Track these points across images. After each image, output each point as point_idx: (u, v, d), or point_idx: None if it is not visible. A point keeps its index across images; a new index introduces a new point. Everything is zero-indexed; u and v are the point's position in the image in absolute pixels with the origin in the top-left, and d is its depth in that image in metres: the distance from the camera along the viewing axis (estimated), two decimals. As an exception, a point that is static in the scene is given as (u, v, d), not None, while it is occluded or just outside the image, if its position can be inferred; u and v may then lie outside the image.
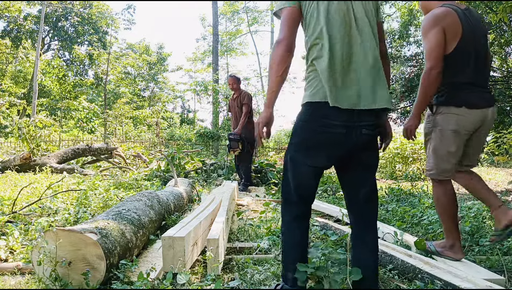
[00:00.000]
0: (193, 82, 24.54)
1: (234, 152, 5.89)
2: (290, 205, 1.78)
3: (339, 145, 1.65)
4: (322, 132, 1.63)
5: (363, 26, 1.67)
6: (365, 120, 1.63)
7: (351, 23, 1.65)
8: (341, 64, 1.62)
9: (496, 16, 5.91)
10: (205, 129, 19.15)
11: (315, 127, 1.65)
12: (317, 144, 1.67)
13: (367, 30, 1.68)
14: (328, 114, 1.60)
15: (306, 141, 1.69)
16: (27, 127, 9.40)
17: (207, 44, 31.67)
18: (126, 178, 5.86)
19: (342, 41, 1.63)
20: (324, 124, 1.62)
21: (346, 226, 3.18)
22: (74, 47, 25.85)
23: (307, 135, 1.69)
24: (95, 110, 22.07)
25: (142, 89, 31.72)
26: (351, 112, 1.60)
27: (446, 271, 2.02)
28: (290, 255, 1.75)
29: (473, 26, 2.29)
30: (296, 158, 1.73)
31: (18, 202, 3.66)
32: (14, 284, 2.04)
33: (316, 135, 1.65)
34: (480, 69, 2.32)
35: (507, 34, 11.40)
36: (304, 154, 1.70)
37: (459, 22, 2.26)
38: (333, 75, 1.60)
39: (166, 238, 2.08)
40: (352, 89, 1.61)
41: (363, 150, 1.71)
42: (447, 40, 2.25)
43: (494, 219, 2.38)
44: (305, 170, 1.71)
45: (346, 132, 1.62)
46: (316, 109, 1.64)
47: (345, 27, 1.64)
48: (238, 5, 31.46)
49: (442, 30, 2.25)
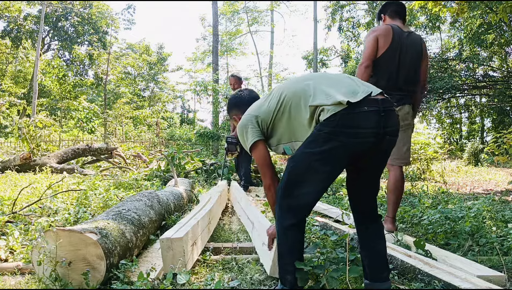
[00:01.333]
0: (193, 82, 24.52)
1: (232, 155, 5.85)
2: (294, 210, 1.73)
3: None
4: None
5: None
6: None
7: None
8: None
9: (496, 16, 5.91)
10: (205, 129, 19.16)
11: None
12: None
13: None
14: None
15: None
16: (27, 127, 9.40)
17: (207, 44, 31.70)
18: (126, 178, 5.86)
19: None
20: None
21: (345, 226, 3.18)
22: (74, 47, 25.84)
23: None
24: (95, 110, 22.08)
25: (142, 89, 31.74)
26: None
27: (445, 271, 2.02)
28: (288, 258, 1.72)
29: (405, 44, 2.94)
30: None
31: (18, 202, 3.66)
32: (14, 284, 2.04)
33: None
34: (400, 77, 2.92)
35: (507, 34, 11.41)
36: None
37: (391, 36, 2.92)
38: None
39: (164, 240, 2.08)
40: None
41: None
42: (379, 46, 2.93)
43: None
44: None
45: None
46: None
47: None
48: (238, 5, 31.45)
49: (375, 38, 2.94)
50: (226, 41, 31.35)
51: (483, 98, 19.46)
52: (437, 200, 4.56)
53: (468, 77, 13.92)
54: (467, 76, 13.92)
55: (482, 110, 20.41)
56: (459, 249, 2.70)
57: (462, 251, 2.65)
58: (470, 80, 14.04)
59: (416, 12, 15.39)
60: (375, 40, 2.94)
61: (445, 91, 12.41)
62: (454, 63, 13.82)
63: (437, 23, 18.64)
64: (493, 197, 4.22)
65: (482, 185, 6.88)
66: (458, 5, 6.28)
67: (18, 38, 24.75)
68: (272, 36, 32.66)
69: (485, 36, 13.06)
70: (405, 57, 2.93)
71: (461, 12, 6.15)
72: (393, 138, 1.70)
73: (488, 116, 20.64)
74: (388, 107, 1.66)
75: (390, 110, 1.66)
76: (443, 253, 2.44)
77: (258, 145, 1.89)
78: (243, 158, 5.93)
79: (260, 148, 1.89)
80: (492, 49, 13.40)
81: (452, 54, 16.46)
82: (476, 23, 13.49)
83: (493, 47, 12.24)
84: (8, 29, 24.83)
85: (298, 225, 1.72)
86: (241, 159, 5.98)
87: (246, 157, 5.94)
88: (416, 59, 2.98)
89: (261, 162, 1.90)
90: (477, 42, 13.66)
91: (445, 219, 3.29)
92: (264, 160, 1.90)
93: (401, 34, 2.95)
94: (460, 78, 13.39)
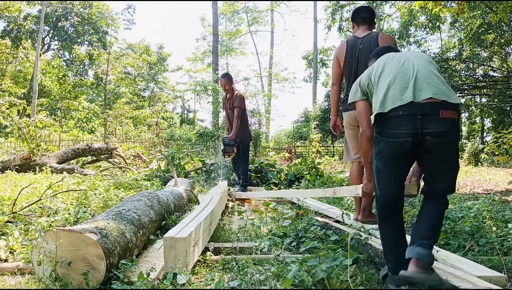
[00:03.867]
0: (193, 82, 24.54)
1: (229, 156, 5.84)
2: (380, 207, 2.01)
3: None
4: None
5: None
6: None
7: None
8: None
9: (496, 16, 5.91)
10: (205, 129, 19.16)
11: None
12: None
13: None
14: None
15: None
16: (27, 127, 9.40)
17: (207, 44, 31.70)
18: (126, 178, 5.85)
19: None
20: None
21: (345, 226, 3.18)
22: (74, 47, 25.84)
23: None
24: (95, 110, 22.09)
25: (142, 89, 31.74)
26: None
27: (445, 271, 2.02)
28: (385, 248, 2.00)
29: (359, 50, 3.21)
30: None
31: (18, 202, 3.66)
32: (14, 284, 2.04)
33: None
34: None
35: (507, 34, 11.41)
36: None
37: (345, 50, 3.30)
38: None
39: (168, 238, 2.08)
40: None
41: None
42: (340, 64, 3.35)
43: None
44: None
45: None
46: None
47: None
48: (238, 5, 31.48)
49: (335, 59, 3.40)
50: (226, 41, 31.35)
51: (483, 98, 19.46)
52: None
53: (468, 77, 13.92)
54: (467, 76, 13.92)
55: (482, 110, 20.40)
56: (459, 249, 2.70)
57: (462, 251, 2.65)
58: (470, 80, 14.04)
59: (416, 12, 15.39)
60: (336, 61, 3.40)
61: (445, 91, 12.37)
62: (454, 63, 13.82)
63: (437, 23, 18.63)
64: (493, 197, 4.21)
65: (482, 185, 6.87)
66: (458, 5, 6.28)
67: (18, 38, 24.75)
68: (272, 36, 32.70)
69: (485, 36, 13.06)
70: (361, 62, 3.18)
71: (461, 12, 6.16)
72: (437, 139, 1.81)
73: (488, 116, 20.64)
74: (428, 110, 1.80)
75: (429, 114, 1.80)
76: (443, 253, 2.43)
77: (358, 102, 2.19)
78: (241, 158, 5.84)
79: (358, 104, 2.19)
80: (492, 49, 13.41)
81: (452, 54, 16.46)
82: (476, 23, 13.50)
83: (493, 47, 12.25)
84: (8, 29, 24.84)
85: (387, 220, 1.97)
86: (239, 159, 5.88)
87: (244, 157, 5.89)
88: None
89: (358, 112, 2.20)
90: (477, 42, 13.67)
91: (445, 219, 3.28)
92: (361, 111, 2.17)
93: (355, 43, 3.27)
94: (460, 78, 13.38)
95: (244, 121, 5.90)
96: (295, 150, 18.82)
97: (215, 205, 3.30)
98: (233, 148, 5.67)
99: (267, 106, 27.61)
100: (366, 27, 3.32)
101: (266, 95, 27.69)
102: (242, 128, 5.80)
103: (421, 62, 1.97)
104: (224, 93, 6.10)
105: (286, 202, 4.92)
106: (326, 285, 1.92)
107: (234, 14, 31.97)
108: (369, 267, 2.33)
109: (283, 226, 3.19)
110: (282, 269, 2.18)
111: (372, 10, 3.50)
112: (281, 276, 2.10)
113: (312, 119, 20.10)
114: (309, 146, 18.16)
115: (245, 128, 5.87)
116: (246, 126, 5.93)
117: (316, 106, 21.11)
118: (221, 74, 6.89)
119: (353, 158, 3.40)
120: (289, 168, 7.12)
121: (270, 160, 8.01)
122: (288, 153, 15.32)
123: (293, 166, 7.23)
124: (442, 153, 1.85)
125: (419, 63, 1.96)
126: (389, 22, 20.56)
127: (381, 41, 3.17)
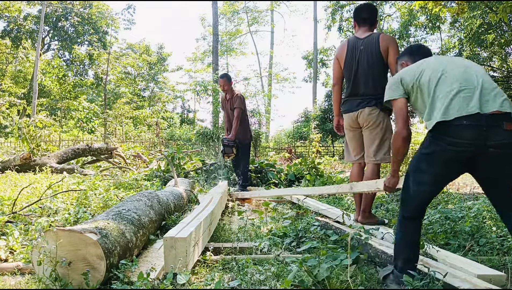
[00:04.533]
0: (193, 82, 24.53)
1: (228, 157, 5.83)
2: (407, 205, 2.02)
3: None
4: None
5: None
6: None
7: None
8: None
9: (496, 16, 5.91)
10: (205, 129, 19.15)
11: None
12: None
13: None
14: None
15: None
16: (27, 127, 9.40)
17: (207, 44, 31.70)
18: (126, 178, 5.85)
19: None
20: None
21: (345, 226, 3.18)
22: (74, 47, 25.83)
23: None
24: (95, 110, 22.07)
25: (142, 89, 31.72)
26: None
27: (445, 271, 2.01)
28: (400, 245, 2.01)
29: (360, 51, 3.20)
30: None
31: (18, 202, 3.66)
32: (14, 284, 2.04)
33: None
34: (357, 83, 3.24)
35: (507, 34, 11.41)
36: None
37: (345, 51, 3.29)
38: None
39: (168, 238, 2.08)
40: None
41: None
42: (340, 65, 3.34)
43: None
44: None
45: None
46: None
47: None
48: (238, 5, 31.47)
49: (335, 59, 3.40)
50: (226, 41, 31.34)
51: (483, 98, 19.36)
52: (437, 200, 4.56)
53: (468, 77, 13.88)
54: (467, 76, 13.88)
55: (482, 110, 20.32)
56: (459, 249, 2.70)
57: (462, 251, 2.65)
58: (470, 80, 13.97)
59: (416, 12, 15.39)
60: (336, 61, 3.40)
61: (445, 91, 12.38)
62: (454, 63, 13.78)
63: (437, 23, 18.63)
64: (493, 197, 4.21)
65: (482, 185, 6.85)
66: (458, 5, 6.28)
67: (18, 38, 24.75)
68: (272, 36, 32.70)
69: (485, 36, 13.06)
70: (362, 64, 3.21)
71: (461, 12, 6.16)
72: (501, 150, 1.80)
73: (488, 116, 20.54)
74: (493, 122, 1.80)
75: (493, 126, 1.80)
76: (443, 253, 2.43)
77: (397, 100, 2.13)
78: (241, 158, 5.83)
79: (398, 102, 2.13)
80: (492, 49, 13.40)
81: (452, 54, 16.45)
82: (476, 23, 13.49)
83: (493, 47, 12.24)
84: (8, 29, 24.83)
85: (411, 219, 1.99)
86: (239, 159, 5.87)
87: (244, 157, 5.88)
88: (374, 60, 3.17)
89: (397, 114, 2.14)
90: (477, 42, 13.66)
91: (445, 219, 3.29)
92: (400, 111, 2.12)
93: (355, 44, 3.26)
94: (460, 78, 13.35)
95: (245, 121, 5.89)
96: (295, 150, 18.81)
97: (215, 205, 3.30)
98: (232, 149, 5.66)
99: (267, 106, 27.61)
100: (367, 28, 3.30)
101: (266, 95, 27.68)
102: (243, 128, 5.78)
103: (482, 72, 1.97)
104: (224, 93, 6.05)
105: (286, 202, 4.92)
106: (326, 285, 1.92)
107: (234, 14, 31.96)
108: (369, 267, 2.33)
109: (283, 226, 3.19)
110: (282, 269, 2.18)
111: (374, 10, 3.45)
112: (281, 276, 2.10)
113: (312, 119, 20.10)
114: (309, 146, 18.15)
115: (245, 128, 5.86)
116: (246, 126, 5.92)
117: (316, 106, 21.11)
118: (220, 74, 6.79)
119: (353, 159, 3.40)
120: (289, 168, 7.12)
121: (270, 160, 8.00)
122: (288, 153, 15.31)
123: (293, 166, 7.23)
124: (505, 164, 1.83)
125: (481, 73, 1.96)
126: (389, 22, 20.56)
127: (382, 43, 3.15)
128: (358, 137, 3.34)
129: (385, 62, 3.17)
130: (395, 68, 3.17)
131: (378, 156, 3.18)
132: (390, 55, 3.14)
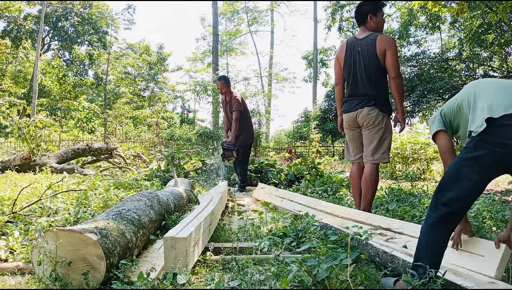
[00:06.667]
0: (193, 82, 24.55)
1: (228, 161, 5.82)
2: (440, 211, 1.86)
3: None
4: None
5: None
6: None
7: None
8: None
9: (496, 16, 5.91)
10: (205, 129, 19.15)
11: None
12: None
13: None
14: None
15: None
16: (27, 127, 9.40)
17: (207, 44, 31.71)
18: (126, 178, 5.85)
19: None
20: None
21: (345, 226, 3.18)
22: (74, 47, 25.84)
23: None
24: (95, 110, 22.07)
25: (142, 89, 31.74)
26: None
27: (447, 269, 2.01)
28: (424, 252, 1.86)
29: (358, 52, 3.22)
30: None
31: (18, 202, 3.66)
32: (14, 284, 2.04)
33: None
34: (355, 83, 3.27)
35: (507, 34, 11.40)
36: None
37: (344, 52, 3.32)
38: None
39: (168, 238, 2.08)
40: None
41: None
42: (340, 65, 3.39)
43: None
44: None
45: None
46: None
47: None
48: (238, 5, 31.47)
49: (336, 60, 3.46)
50: (226, 41, 31.35)
51: (483, 98, 19.38)
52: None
53: (468, 77, 13.91)
54: (467, 76, 13.91)
55: (482, 110, 20.33)
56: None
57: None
58: (470, 80, 14.01)
59: (416, 12, 15.39)
60: (336, 62, 3.44)
61: (445, 91, 12.40)
62: (454, 63, 13.81)
63: (437, 23, 18.62)
64: (493, 197, 4.21)
65: (482, 185, 6.86)
66: (458, 5, 6.27)
67: (18, 38, 24.76)
68: (272, 36, 32.70)
69: (485, 36, 13.05)
70: (360, 65, 3.22)
71: (461, 12, 6.15)
72: None
73: (488, 116, 20.55)
74: None
75: None
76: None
77: (438, 134, 2.09)
78: (241, 159, 5.83)
79: (440, 136, 2.09)
80: (492, 49, 13.39)
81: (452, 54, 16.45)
82: (476, 23, 13.49)
83: (493, 47, 12.22)
84: (8, 29, 24.85)
85: (441, 226, 1.83)
86: (239, 160, 5.86)
87: (244, 157, 5.88)
88: (372, 61, 3.17)
89: (440, 150, 2.12)
90: (477, 42, 13.65)
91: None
92: (441, 148, 2.09)
93: (354, 45, 3.28)
94: (460, 78, 13.37)
95: (246, 122, 5.87)
96: (295, 150, 18.82)
97: (215, 205, 3.30)
98: (232, 152, 5.65)
99: (267, 106, 27.60)
100: (364, 27, 3.31)
101: (266, 95, 27.67)
102: (245, 128, 5.77)
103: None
104: (221, 96, 6.03)
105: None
106: (326, 285, 1.92)
107: (234, 14, 31.97)
108: (369, 267, 2.33)
109: (283, 226, 3.19)
110: (282, 269, 2.18)
111: (357, 9, 3.39)
112: (281, 276, 2.10)
113: (312, 119, 20.09)
114: (309, 146, 18.14)
115: (246, 128, 5.85)
116: (247, 127, 5.90)
117: (316, 106, 21.11)
118: (218, 76, 6.68)
119: (353, 158, 3.40)
120: (289, 168, 7.12)
121: (270, 160, 8.00)
122: (288, 153, 15.32)
123: (293, 166, 7.23)
124: None
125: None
126: (389, 22, 20.53)
127: (379, 45, 3.14)
128: (358, 136, 3.35)
129: (382, 64, 3.17)
130: (392, 70, 3.18)
131: (376, 155, 3.19)
132: (387, 57, 3.13)
